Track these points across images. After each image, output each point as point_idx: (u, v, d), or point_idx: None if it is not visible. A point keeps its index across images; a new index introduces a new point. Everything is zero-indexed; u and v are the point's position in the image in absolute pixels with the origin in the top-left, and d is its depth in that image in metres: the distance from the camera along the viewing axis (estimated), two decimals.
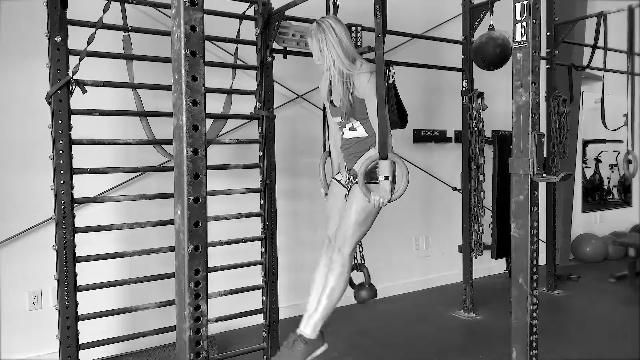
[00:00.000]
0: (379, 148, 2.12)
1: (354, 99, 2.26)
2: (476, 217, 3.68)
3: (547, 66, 4.24)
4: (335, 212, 2.44)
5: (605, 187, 6.47)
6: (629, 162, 4.02)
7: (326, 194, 2.51)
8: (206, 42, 2.57)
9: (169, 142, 2.42)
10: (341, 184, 2.43)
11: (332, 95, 2.37)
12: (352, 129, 2.36)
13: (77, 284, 2.26)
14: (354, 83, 2.24)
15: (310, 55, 2.92)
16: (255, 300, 2.86)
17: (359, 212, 2.26)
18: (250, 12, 2.85)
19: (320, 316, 2.28)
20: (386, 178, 2.17)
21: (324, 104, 2.55)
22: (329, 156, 2.59)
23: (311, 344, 2.25)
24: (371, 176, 2.21)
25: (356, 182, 2.26)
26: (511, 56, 2.70)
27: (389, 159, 2.14)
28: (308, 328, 2.27)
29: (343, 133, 2.41)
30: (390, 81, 2.42)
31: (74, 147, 2.24)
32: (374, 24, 2.13)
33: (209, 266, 1.15)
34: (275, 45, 2.79)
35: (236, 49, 2.87)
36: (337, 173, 2.49)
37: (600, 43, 4.13)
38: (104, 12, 2.20)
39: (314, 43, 2.28)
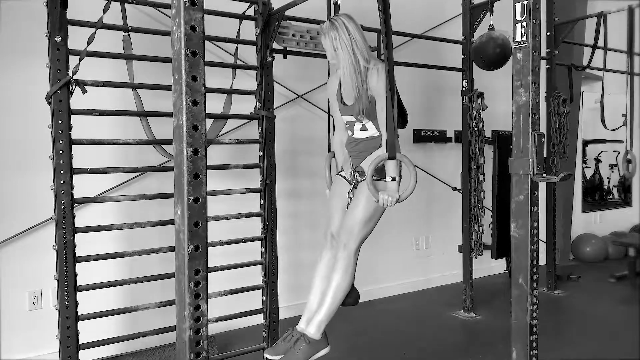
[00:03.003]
0: (387, 148, 2.09)
1: (370, 97, 2.23)
2: (476, 217, 3.68)
3: (547, 66, 4.24)
4: (338, 209, 2.38)
5: (605, 187, 6.46)
6: (629, 161, 4.02)
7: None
8: (206, 42, 2.57)
9: (169, 142, 2.42)
10: (346, 179, 2.38)
11: (343, 94, 2.32)
12: (364, 128, 2.31)
13: (77, 284, 2.26)
14: (367, 81, 2.21)
15: (310, 55, 2.92)
16: (255, 300, 2.86)
17: (365, 210, 2.22)
18: (250, 12, 2.85)
19: (325, 316, 2.20)
20: (393, 179, 2.15)
21: (329, 104, 2.52)
22: (334, 157, 2.55)
23: (314, 344, 2.17)
24: (380, 173, 2.17)
25: (362, 180, 2.24)
26: (511, 56, 2.70)
27: (397, 159, 2.12)
28: (312, 327, 2.18)
29: (353, 133, 2.35)
30: None
31: (74, 147, 2.24)
32: (380, 24, 2.13)
33: (209, 266, 1.15)
34: (276, 45, 2.79)
35: (236, 49, 2.87)
36: (341, 170, 2.44)
37: (600, 43, 4.13)
38: (104, 12, 2.20)
39: (327, 42, 2.23)
